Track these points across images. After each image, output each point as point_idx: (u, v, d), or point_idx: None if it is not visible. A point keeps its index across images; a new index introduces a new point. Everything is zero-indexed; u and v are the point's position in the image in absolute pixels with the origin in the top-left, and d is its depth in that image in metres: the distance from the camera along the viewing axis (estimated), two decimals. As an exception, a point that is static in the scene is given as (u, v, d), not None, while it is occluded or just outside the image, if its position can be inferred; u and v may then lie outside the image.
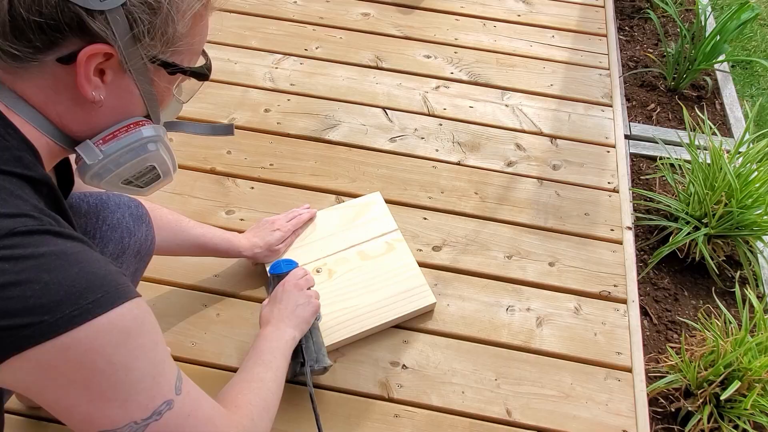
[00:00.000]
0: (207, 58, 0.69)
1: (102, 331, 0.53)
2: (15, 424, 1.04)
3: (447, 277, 1.30)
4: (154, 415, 0.58)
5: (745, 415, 1.12)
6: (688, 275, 1.44)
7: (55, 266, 0.52)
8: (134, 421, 0.57)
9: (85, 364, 0.53)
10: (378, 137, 1.55)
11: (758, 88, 2.03)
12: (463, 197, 1.45)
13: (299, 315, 1.02)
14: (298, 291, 1.06)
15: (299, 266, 1.15)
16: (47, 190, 0.58)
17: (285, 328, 0.99)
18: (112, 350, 0.54)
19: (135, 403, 0.57)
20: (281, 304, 1.03)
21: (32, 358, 0.51)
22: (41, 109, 0.58)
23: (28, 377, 0.53)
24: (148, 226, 0.91)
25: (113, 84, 0.59)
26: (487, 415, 1.12)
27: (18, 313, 0.50)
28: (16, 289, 0.50)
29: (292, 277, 1.09)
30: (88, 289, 0.53)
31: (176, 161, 0.72)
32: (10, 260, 0.50)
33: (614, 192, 1.49)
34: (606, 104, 1.70)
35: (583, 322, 1.25)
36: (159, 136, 0.66)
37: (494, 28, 1.89)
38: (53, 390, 0.54)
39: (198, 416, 0.63)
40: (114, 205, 0.87)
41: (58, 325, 0.51)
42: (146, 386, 0.57)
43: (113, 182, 0.66)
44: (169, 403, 0.59)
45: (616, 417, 1.13)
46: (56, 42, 0.55)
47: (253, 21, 1.82)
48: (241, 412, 0.76)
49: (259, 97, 1.62)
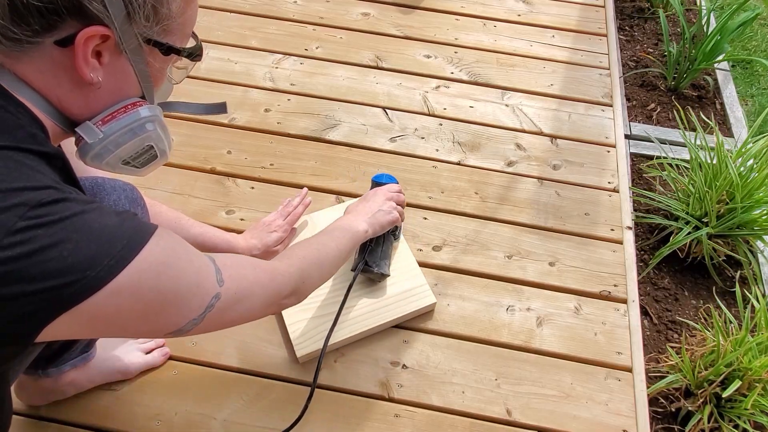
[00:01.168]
0: (197, 39, 0.70)
1: (142, 270, 0.57)
2: (15, 424, 1.04)
3: (447, 277, 1.30)
4: (207, 308, 0.65)
5: (745, 414, 1.12)
6: (689, 275, 1.44)
7: (81, 225, 0.55)
8: (192, 319, 0.64)
9: (136, 302, 0.57)
10: (378, 137, 1.55)
11: (758, 87, 2.03)
12: (463, 197, 1.45)
13: (377, 218, 1.11)
14: (386, 199, 1.15)
15: (398, 184, 1.23)
16: (62, 164, 0.61)
17: (361, 221, 1.07)
18: (155, 282, 0.58)
19: (188, 308, 0.63)
20: (366, 203, 1.13)
21: (85, 311, 0.54)
22: (42, 92, 0.60)
23: (84, 328, 0.56)
24: (143, 209, 0.93)
25: (110, 65, 0.61)
26: (488, 415, 1.12)
27: (61, 272, 0.52)
28: (53, 250, 0.52)
29: (387, 187, 1.19)
30: (115, 237, 0.56)
31: (172, 141, 0.74)
32: (43, 226, 0.52)
33: (614, 192, 1.49)
34: (606, 104, 1.70)
35: (584, 322, 1.25)
36: (156, 115, 0.68)
37: (494, 28, 1.89)
38: (114, 329, 0.59)
39: (244, 287, 0.71)
40: (110, 188, 0.88)
41: (100, 276, 0.54)
42: (194, 294, 0.63)
43: (113, 163, 0.68)
44: (217, 295, 0.66)
45: (616, 417, 1.13)
46: (54, 25, 0.56)
47: (254, 21, 1.82)
48: (290, 261, 0.83)
49: (260, 97, 1.62)
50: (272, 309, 0.79)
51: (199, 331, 0.67)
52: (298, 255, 0.86)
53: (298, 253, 0.87)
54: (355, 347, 1.18)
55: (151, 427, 1.06)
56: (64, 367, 1.01)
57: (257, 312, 0.75)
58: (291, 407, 1.09)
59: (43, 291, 0.52)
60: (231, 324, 0.72)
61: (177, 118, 1.54)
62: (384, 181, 1.23)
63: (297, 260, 0.84)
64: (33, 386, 1.02)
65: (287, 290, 0.80)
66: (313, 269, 0.87)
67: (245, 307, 0.72)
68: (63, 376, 1.02)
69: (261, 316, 0.77)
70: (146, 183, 1.40)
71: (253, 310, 0.74)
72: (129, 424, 1.06)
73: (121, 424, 1.06)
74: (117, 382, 1.10)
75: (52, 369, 0.99)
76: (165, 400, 1.09)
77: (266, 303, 0.76)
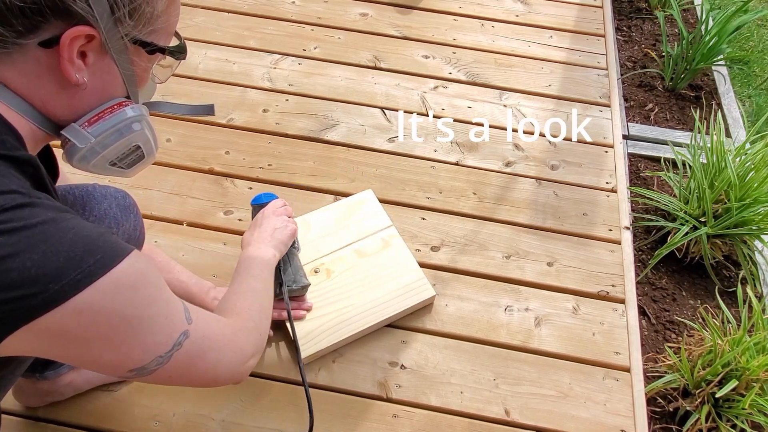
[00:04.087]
0: (180, 38, 0.69)
1: (109, 290, 0.54)
2: (12, 425, 1.04)
3: (445, 277, 1.30)
4: (175, 346, 0.63)
5: (743, 414, 1.12)
6: (686, 275, 1.44)
7: (50, 234, 0.52)
8: (158, 356, 0.61)
9: (100, 323, 0.55)
10: (376, 137, 1.55)
11: (756, 88, 2.03)
12: (461, 197, 1.45)
13: (277, 237, 1.08)
14: (276, 216, 1.12)
15: (279, 198, 1.19)
16: (32, 171, 0.58)
17: (265, 248, 1.04)
18: (122, 305, 0.56)
19: (155, 343, 0.61)
20: (261, 228, 1.09)
21: (44, 326, 0.51)
22: (24, 95, 0.58)
23: (44, 344, 0.54)
24: (136, 216, 0.91)
25: (95, 66, 0.60)
26: (486, 415, 1.12)
27: (21, 284, 0.50)
28: (15, 260, 0.50)
29: (271, 206, 1.15)
30: (86, 252, 0.53)
31: (158, 140, 0.73)
32: (4, 234, 0.50)
33: (612, 192, 1.49)
34: (604, 104, 1.70)
35: (582, 322, 1.25)
36: (143, 115, 0.67)
37: (492, 29, 1.89)
38: (73, 350, 0.56)
39: (211, 335, 0.69)
40: (100, 196, 0.86)
41: (64, 291, 0.51)
42: (161, 326, 0.61)
43: (100, 164, 0.67)
44: (185, 333, 0.64)
45: (614, 417, 1.13)
46: (38, 26, 0.55)
47: (252, 21, 1.82)
48: (244, 316, 0.83)
49: (258, 97, 1.62)
50: (239, 372, 0.75)
51: (164, 375, 0.64)
52: (241, 308, 0.85)
53: (240, 306, 0.85)
54: (353, 347, 1.18)
55: (149, 428, 1.06)
56: (62, 369, 1.01)
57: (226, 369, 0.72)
58: (290, 408, 1.09)
59: (2, 302, 0.49)
60: (198, 380, 0.69)
61: (175, 119, 1.54)
62: (264, 201, 1.18)
63: (245, 314, 0.83)
64: (31, 388, 1.02)
65: (250, 348, 0.78)
66: (262, 318, 0.87)
67: (214, 360, 0.69)
68: (61, 378, 1.02)
69: (229, 377, 0.73)
70: (144, 184, 1.39)
71: (222, 364, 0.71)
72: (127, 425, 1.06)
73: (119, 425, 1.06)
74: (115, 383, 1.10)
75: (49, 372, 0.99)
76: (163, 401, 1.09)
77: (233, 361, 0.73)
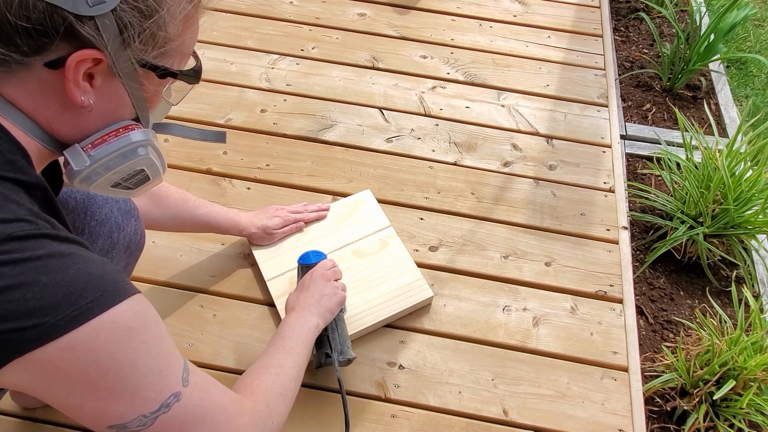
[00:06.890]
0: (197, 59, 0.68)
1: (104, 330, 0.53)
2: (10, 426, 1.04)
3: (443, 277, 1.30)
4: (162, 407, 0.59)
5: (740, 414, 1.12)
6: (684, 275, 1.44)
7: (53, 268, 0.52)
8: (143, 415, 0.58)
9: (90, 364, 0.53)
10: (374, 138, 1.55)
11: (752, 88, 2.04)
12: (459, 197, 1.45)
13: (324, 304, 1.04)
14: (325, 281, 1.08)
15: (328, 258, 1.16)
16: (41, 194, 0.58)
17: (309, 315, 1.00)
18: (115, 348, 0.54)
19: (142, 398, 0.57)
20: (307, 292, 1.05)
21: (36, 359, 0.51)
22: (30, 114, 0.57)
23: (33, 378, 0.53)
24: (137, 221, 0.90)
25: (102, 88, 0.59)
26: (484, 415, 1.12)
27: (19, 315, 0.49)
28: (16, 292, 0.50)
29: (321, 267, 1.11)
30: (86, 289, 0.53)
31: (166, 162, 0.72)
32: (9, 264, 0.50)
33: (610, 192, 1.49)
34: (602, 104, 1.70)
35: (580, 322, 1.26)
36: (149, 140, 0.65)
37: (490, 29, 1.89)
38: (60, 389, 0.54)
39: (207, 405, 0.63)
40: (102, 200, 0.86)
41: (59, 326, 0.51)
42: (152, 380, 0.58)
43: (102, 186, 0.66)
44: (176, 395, 0.60)
45: (612, 416, 1.14)
46: (44, 47, 0.54)
47: (249, 21, 1.82)
48: (256, 397, 0.75)
49: (256, 97, 1.62)
50: None
51: None
52: (259, 386, 0.78)
53: (258, 384, 0.79)
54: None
55: (147, 428, 1.06)
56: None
57: None
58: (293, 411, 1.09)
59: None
60: None
61: (170, 119, 1.53)
62: (313, 261, 1.12)
63: (261, 394, 0.77)
64: (28, 389, 1.01)
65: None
66: (279, 403, 0.78)
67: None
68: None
69: None
70: (142, 184, 1.39)
71: None
72: (125, 425, 1.06)
73: (117, 426, 1.06)
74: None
75: None
76: (161, 401, 1.09)
77: None
